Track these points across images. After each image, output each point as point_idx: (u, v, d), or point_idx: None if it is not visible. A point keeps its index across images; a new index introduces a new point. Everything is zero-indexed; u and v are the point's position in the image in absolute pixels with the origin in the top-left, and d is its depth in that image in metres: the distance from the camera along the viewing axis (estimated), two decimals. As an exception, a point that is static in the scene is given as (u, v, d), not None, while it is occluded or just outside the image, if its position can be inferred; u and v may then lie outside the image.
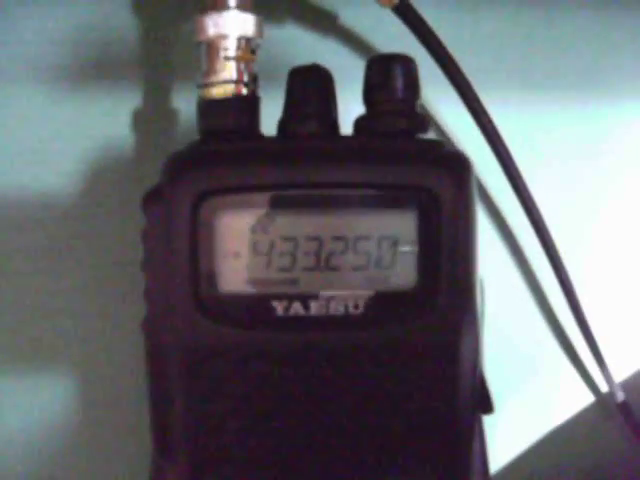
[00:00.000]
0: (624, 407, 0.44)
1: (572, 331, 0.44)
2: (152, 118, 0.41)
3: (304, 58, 0.33)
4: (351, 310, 0.28)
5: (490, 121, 0.38)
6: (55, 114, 0.40)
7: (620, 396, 0.44)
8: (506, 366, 0.43)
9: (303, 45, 0.40)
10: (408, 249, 0.28)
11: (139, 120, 0.40)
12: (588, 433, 0.46)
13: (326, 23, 0.41)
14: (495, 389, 0.32)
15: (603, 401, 0.46)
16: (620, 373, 0.45)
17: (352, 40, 0.41)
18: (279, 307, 0.28)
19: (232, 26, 0.31)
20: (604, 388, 0.45)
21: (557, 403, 0.45)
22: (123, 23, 0.40)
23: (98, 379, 0.42)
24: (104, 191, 0.41)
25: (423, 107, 0.41)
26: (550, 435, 0.45)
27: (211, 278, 0.28)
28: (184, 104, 0.40)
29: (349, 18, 0.41)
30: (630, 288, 0.45)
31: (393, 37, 0.38)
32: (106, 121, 0.40)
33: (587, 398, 0.46)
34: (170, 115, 0.40)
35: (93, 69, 0.40)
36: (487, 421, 0.33)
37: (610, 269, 0.45)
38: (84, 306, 0.41)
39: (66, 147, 0.40)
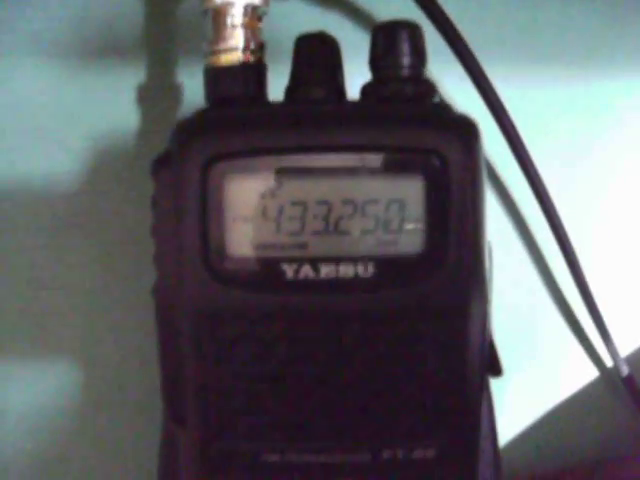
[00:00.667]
0: (629, 381, 0.44)
1: (577, 306, 0.44)
2: (157, 93, 0.41)
3: (307, 30, 0.33)
4: (360, 273, 0.28)
5: (494, 93, 0.38)
6: (60, 91, 0.40)
7: (625, 370, 0.44)
8: (511, 341, 0.43)
9: (307, 17, 0.40)
10: (416, 212, 0.28)
11: (144, 95, 0.40)
12: (593, 407, 0.46)
13: (331, -4, 0.41)
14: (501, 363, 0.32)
15: (608, 375, 0.46)
16: (625, 347, 0.45)
17: (356, 13, 0.41)
18: (289, 270, 0.28)
19: (239, -7, 0.31)
20: (609, 362, 0.45)
21: (562, 377, 0.46)
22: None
23: (105, 357, 0.42)
24: (110, 167, 0.41)
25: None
26: (556, 409, 0.46)
27: (221, 242, 0.28)
28: (189, 79, 0.40)
29: (354, -9, 0.41)
30: (635, 262, 0.45)
31: (398, 10, 0.38)
32: (111, 97, 0.40)
33: (592, 372, 0.46)
34: (175, 90, 0.41)
35: (97, 45, 0.40)
36: (494, 396, 0.33)
37: (615, 243, 0.45)
38: (91, 283, 0.41)
39: (72, 124, 0.40)
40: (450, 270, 0.28)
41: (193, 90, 0.40)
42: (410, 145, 0.28)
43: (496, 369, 0.31)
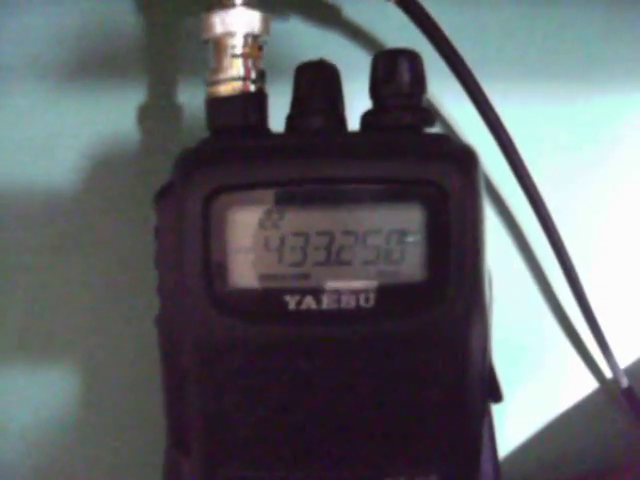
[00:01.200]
0: (628, 393, 0.44)
1: (576, 318, 0.44)
2: (157, 113, 0.41)
3: (308, 52, 0.33)
4: (362, 303, 0.29)
5: (493, 112, 0.38)
6: (61, 110, 0.40)
7: (624, 382, 0.44)
8: (511, 353, 0.44)
9: (306, 39, 0.40)
10: (417, 242, 0.29)
11: (144, 115, 0.41)
12: (593, 419, 0.46)
13: (330, 17, 0.41)
14: (501, 376, 0.32)
15: (607, 387, 0.46)
16: (624, 359, 0.45)
17: (356, 33, 0.41)
18: (291, 301, 0.29)
19: (239, 23, 0.31)
20: (608, 374, 0.45)
21: (562, 389, 0.46)
22: (128, 18, 0.40)
23: (107, 374, 0.42)
24: (110, 186, 0.41)
25: (429, 101, 0.42)
26: (555, 421, 0.46)
27: (223, 273, 0.29)
28: (189, 99, 0.40)
29: (353, 11, 0.41)
30: (634, 275, 0.45)
31: (397, 30, 0.38)
32: (112, 116, 0.40)
33: (591, 384, 0.46)
34: (175, 110, 0.41)
35: (98, 64, 0.40)
36: (494, 408, 0.33)
37: (614, 256, 0.45)
38: (91, 301, 0.41)
39: (72, 142, 0.40)
40: (451, 299, 0.29)
41: (194, 109, 0.40)
42: (410, 177, 0.29)
43: (496, 395, 0.31)
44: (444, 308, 0.29)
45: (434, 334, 0.29)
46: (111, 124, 0.41)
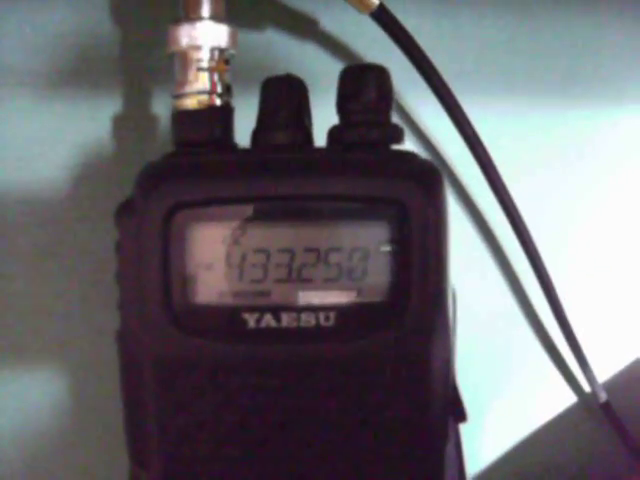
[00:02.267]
0: (606, 408, 0.44)
1: (554, 332, 0.44)
2: (132, 123, 0.40)
3: (283, 63, 0.33)
4: (322, 322, 0.28)
5: (469, 124, 0.38)
6: (35, 119, 0.40)
7: (603, 397, 0.44)
8: (488, 367, 0.44)
9: (282, 50, 0.40)
10: (379, 260, 0.28)
11: (119, 125, 0.40)
12: (571, 433, 0.46)
13: (306, 28, 0.40)
14: (477, 390, 0.32)
15: (586, 401, 0.46)
16: (602, 374, 0.45)
17: (332, 45, 0.41)
18: (251, 319, 0.28)
19: (205, 37, 0.31)
20: (587, 389, 0.45)
21: (540, 404, 0.46)
22: (102, 28, 0.40)
23: (84, 381, 0.42)
24: (85, 196, 0.41)
25: (405, 116, 0.41)
26: (533, 435, 0.46)
27: (183, 290, 0.28)
28: (164, 109, 0.40)
29: (329, 23, 0.41)
30: (612, 289, 0.45)
31: (373, 42, 0.38)
32: (86, 126, 0.40)
33: (570, 399, 0.46)
34: (150, 120, 0.40)
35: (73, 75, 0.40)
36: (470, 422, 0.33)
37: (592, 270, 0.45)
38: (69, 310, 0.41)
39: (47, 152, 0.40)
40: (413, 318, 0.29)
41: (168, 121, 0.40)
42: (373, 194, 0.28)
43: (460, 415, 0.31)
44: (405, 327, 0.29)
45: (395, 353, 0.29)
46: (86, 134, 0.40)
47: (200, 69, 0.31)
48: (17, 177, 0.40)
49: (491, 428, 0.45)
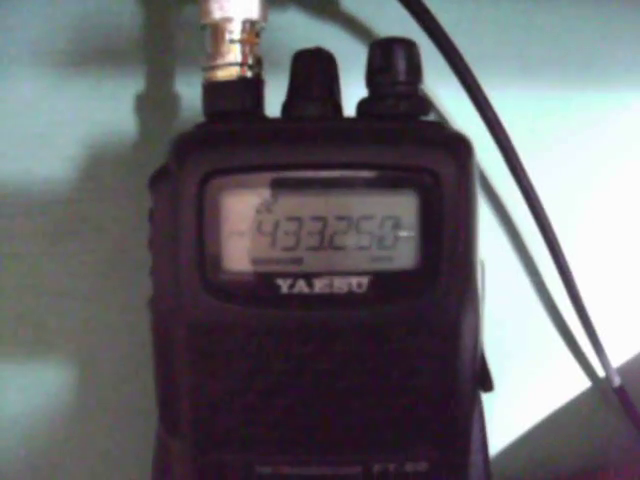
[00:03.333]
0: (621, 392, 0.45)
1: (570, 316, 0.44)
2: (154, 103, 0.41)
3: (305, 43, 0.33)
4: (354, 288, 0.29)
5: (490, 107, 0.39)
6: (58, 99, 0.40)
7: (617, 381, 0.44)
8: (504, 351, 0.44)
9: (304, 30, 0.41)
10: (410, 229, 0.29)
11: (142, 105, 0.41)
12: (585, 418, 0.46)
13: (328, 8, 0.41)
14: (493, 374, 0.32)
15: (600, 386, 0.46)
16: (617, 358, 0.45)
17: (354, 25, 0.41)
18: (283, 285, 0.29)
19: (237, 9, 0.31)
20: (601, 373, 0.45)
21: (554, 388, 0.46)
22: (125, 8, 0.40)
23: (102, 363, 0.42)
24: (108, 175, 0.41)
25: (425, 94, 0.42)
26: (547, 420, 0.46)
27: (217, 257, 0.29)
28: (186, 89, 0.41)
29: (351, 3, 0.41)
30: (628, 274, 0.45)
31: (394, 22, 0.38)
32: (109, 106, 0.41)
33: (584, 383, 0.46)
34: (172, 100, 0.41)
35: (95, 54, 0.40)
36: (485, 406, 0.33)
37: (608, 255, 0.45)
38: (89, 290, 0.42)
39: (70, 132, 0.41)
40: (443, 285, 0.29)
41: (191, 99, 0.40)
42: (404, 163, 0.29)
43: (487, 384, 0.31)
44: (436, 295, 0.29)
45: (426, 320, 0.29)
46: (108, 113, 0.41)
47: (232, 41, 0.31)
48: (39, 156, 0.41)
49: (505, 412, 0.45)
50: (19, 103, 0.40)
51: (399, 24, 0.37)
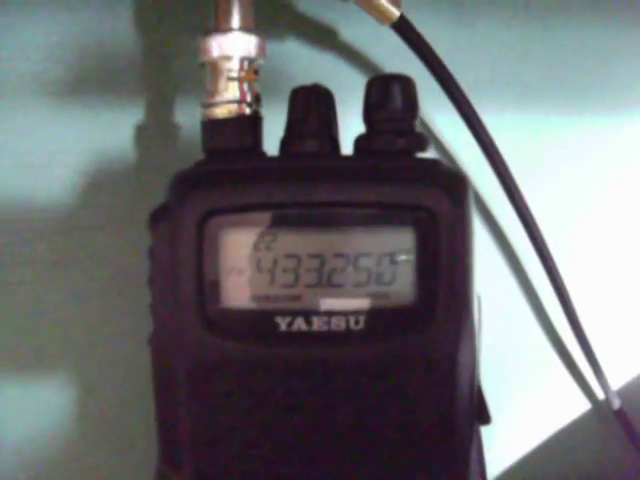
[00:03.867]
0: (620, 414, 0.45)
1: (569, 339, 0.45)
2: (154, 132, 0.41)
3: (304, 74, 0.34)
4: (352, 325, 0.29)
5: (487, 133, 0.39)
6: (58, 128, 0.41)
7: (616, 403, 0.45)
8: (503, 373, 0.44)
9: (303, 61, 0.41)
10: (407, 265, 0.29)
11: (141, 134, 0.41)
12: (584, 440, 0.47)
13: (326, 39, 0.41)
14: (492, 396, 0.33)
15: (599, 408, 0.46)
16: (616, 380, 0.46)
17: (351, 56, 0.41)
18: (282, 322, 0.29)
19: (235, 47, 0.32)
20: (600, 395, 0.46)
21: (554, 410, 0.46)
22: (126, 38, 0.41)
23: (102, 389, 0.42)
24: (106, 203, 0.41)
25: (423, 124, 0.42)
26: (547, 442, 0.46)
27: (216, 294, 0.29)
28: (185, 118, 0.41)
29: (348, 34, 0.41)
30: (626, 296, 0.46)
31: (391, 53, 0.39)
32: (108, 135, 0.41)
33: (583, 405, 0.46)
34: (171, 129, 0.41)
35: (96, 83, 0.41)
36: (484, 429, 0.34)
37: (606, 278, 0.45)
38: (89, 317, 0.42)
39: (69, 160, 0.41)
40: (440, 322, 0.29)
41: (190, 130, 0.41)
42: (401, 201, 0.29)
43: (484, 417, 0.31)
44: (433, 330, 0.29)
45: (423, 356, 0.29)
46: (108, 142, 0.41)
47: (230, 79, 0.32)
48: (39, 184, 0.41)
49: (505, 434, 0.45)
50: (19, 132, 0.41)
51: (396, 54, 0.37)
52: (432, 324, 0.29)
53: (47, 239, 0.41)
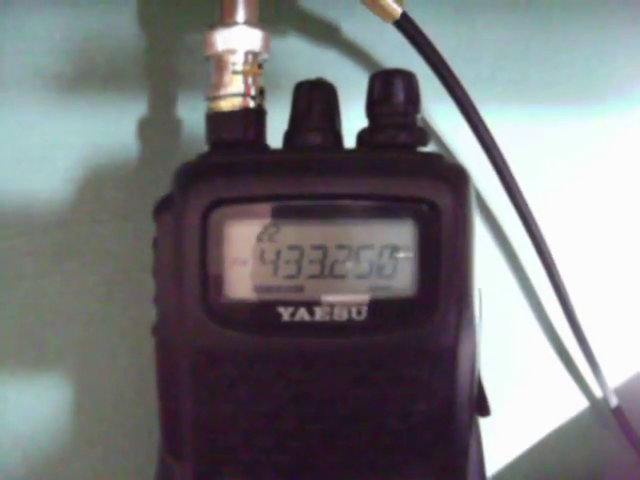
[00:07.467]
0: (618, 412, 0.45)
1: (566, 337, 0.45)
2: (156, 127, 0.41)
3: (306, 70, 0.34)
4: (354, 316, 0.29)
5: (487, 132, 0.39)
6: (62, 123, 0.41)
7: (614, 401, 0.45)
8: (501, 371, 0.44)
9: (305, 57, 0.41)
10: (409, 257, 0.29)
11: (144, 128, 0.41)
12: (582, 438, 0.47)
13: (328, 36, 0.42)
14: (489, 394, 0.33)
15: (597, 406, 0.47)
16: (614, 378, 0.46)
17: (354, 52, 0.42)
18: (285, 313, 0.29)
19: (240, 41, 0.32)
20: (598, 393, 0.46)
21: (552, 408, 0.46)
22: (129, 33, 0.41)
23: (103, 383, 0.43)
24: (109, 197, 0.42)
25: (424, 120, 0.42)
26: (544, 440, 0.46)
27: (220, 285, 0.29)
28: (188, 113, 0.41)
29: (351, 31, 0.42)
30: (624, 294, 0.46)
31: (393, 50, 0.39)
32: (111, 129, 0.41)
33: (581, 403, 0.47)
34: (174, 124, 0.41)
35: (99, 78, 0.41)
36: (482, 427, 0.34)
37: (604, 275, 0.46)
38: (90, 310, 0.42)
39: (72, 154, 0.41)
40: (441, 313, 0.29)
41: (192, 124, 0.41)
42: (403, 194, 0.29)
43: (484, 410, 0.32)
44: (434, 322, 0.29)
45: (424, 347, 0.30)
46: (110, 136, 0.41)
47: (235, 72, 0.32)
48: (41, 177, 0.41)
49: (502, 432, 0.45)
50: (22, 126, 0.41)
51: (398, 51, 0.38)
52: (433, 316, 0.30)
53: (49, 232, 0.42)
